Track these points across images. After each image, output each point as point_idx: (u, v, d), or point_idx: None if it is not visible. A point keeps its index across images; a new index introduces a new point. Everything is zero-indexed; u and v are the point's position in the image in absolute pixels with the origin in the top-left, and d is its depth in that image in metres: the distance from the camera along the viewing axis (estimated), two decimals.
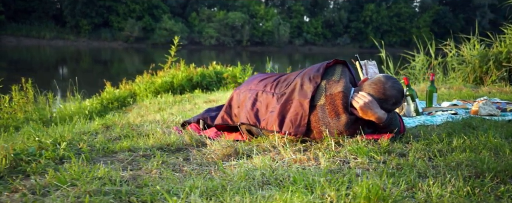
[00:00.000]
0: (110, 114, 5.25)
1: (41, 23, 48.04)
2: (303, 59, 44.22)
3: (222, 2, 54.56)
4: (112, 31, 49.05)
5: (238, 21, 50.39)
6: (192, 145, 2.44)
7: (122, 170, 1.83)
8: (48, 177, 1.64)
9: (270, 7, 54.62)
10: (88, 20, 47.83)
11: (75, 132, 2.83)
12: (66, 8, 48.47)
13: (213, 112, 2.93)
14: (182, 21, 50.80)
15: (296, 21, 54.02)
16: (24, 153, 1.97)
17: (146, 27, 49.26)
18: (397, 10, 55.83)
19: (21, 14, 48.34)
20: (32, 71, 23.14)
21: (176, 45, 6.48)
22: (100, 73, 24.05)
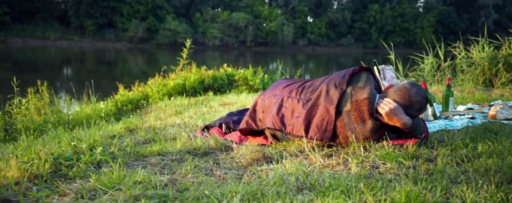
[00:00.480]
0: (125, 116, 5.32)
1: (46, 24, 48.28)
2: (307, 60, 44.28)
3: (226, 2, 54.67)
4: (116, 31, 49.25)
5: (242, 22, 50.48)
6: (219, 149, 2.51)
7: (159, 174, 1.90)
8: (92, 181, 1.71)
9: (274, 7, 54.68)
10: (93, 20, 48.03)
11: (102, 136, 2.90)
12: (70, 9, 48.68)
13: (234, 116, 3.00)
14: (186, 21, 50.94)
15: (299, 21, 54.07)
16: (62, 157, 2.04)
17: (150, 27, 49.43)
18: (401, 10, 55.81)
19: (26, 15, 48.59)
20: (37, 71, 23.26)
21: (188, 47, 6.54)
22: (104, 73, 24.16)
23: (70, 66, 29.07)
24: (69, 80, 20.72)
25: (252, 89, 6.30)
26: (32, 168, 1.89)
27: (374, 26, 55.15)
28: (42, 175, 1.87)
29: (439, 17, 56.16)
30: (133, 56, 39.29)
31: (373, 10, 54.80)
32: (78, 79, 21.45)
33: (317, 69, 34.61)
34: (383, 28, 55.75)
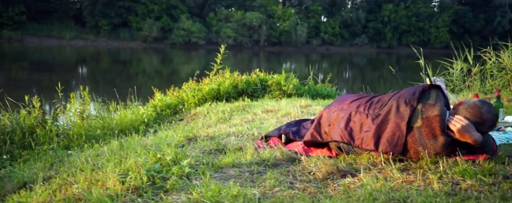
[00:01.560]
0: (165, 121, 5.47)
1: (62, 24, 48.94)
2: (321, 59, 44.27)
3: (240, 2, 54.81)
4: (131, 31, 49.75)
5: (255, 21, 50.63)
6: (286, 161, 2.62)
7: (249, 188, 2.02)
8: (195, 195, 1.84)
9: (287, 7, 54.74)
10: (108, 20, 48.59)
11: (168, 144, 3.04)
12: (86, 9, 49.29)
13: (293, 127, 3.12)
14: (200, 21, 51.24)
15: (313, 21, 54.07)
16: (152, 170, 2.18)
17: (164, 27, 49.82)
18: (415, 10, 55.53)
19: (42, 14, 49.27)
20: (53, 71, 23.63)
21: (222, 53, 6.67)
22: (119, 73, 24.47)
23: (86, 65, 29.44)
24: (84, 80, 21.02)
25: (285, 94, 6.41)
26: (132, 180, 2.04)
27: (388, 25, 54.94)
28: (142, 187, 2.01)
29: (454, 17, 55.73)
30: (148, 56, 39.62)
31: (388, 9, 54.61)
32: (94, 78, 21.77)
33: (330, 69, 34.62)
34: (397, 27, 55.51)
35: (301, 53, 49.48)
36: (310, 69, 7.06)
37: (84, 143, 4.34)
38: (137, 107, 5.88)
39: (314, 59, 44.66)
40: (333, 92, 6.66)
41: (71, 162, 2.99)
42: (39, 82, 18.72)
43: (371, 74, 30.41)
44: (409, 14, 55.45)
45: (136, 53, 42.25)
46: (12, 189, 2.62)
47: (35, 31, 46.89)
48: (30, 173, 2.77)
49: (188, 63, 34.32)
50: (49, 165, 3.12)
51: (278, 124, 3.86)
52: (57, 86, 5.30)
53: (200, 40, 49.17)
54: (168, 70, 27.71)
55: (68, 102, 5.39)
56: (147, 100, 6.50)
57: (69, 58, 35.49)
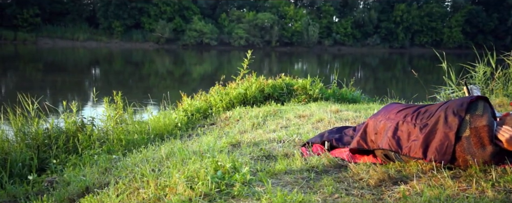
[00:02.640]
0: (197, 125, 5.61)
1: (75, 25, 49.55)
2: (332, 60, 44.29)
3: (252, 3, 55.01)
4: (143, 32, 50.21)
5: (267, 22, 50.82)
6: (334, 167, 2.75)
7: (308, 194, 2.15)
8: (264, 201, 1.98)
9: (299, 7, 54.82)
10: (121, 21, 49.06)
11: (213, 149, 3.17)
12: (99, 10, 49.83)
13: (336, 134, 3.25)
14: (212, 22, 51.55)
15: (325, 21, 54.09)
16: (215, 176, 2.32)
17: (176, 28, 50.21)
18: (428, 10, 55.30)
19: (56, 16, 49.95)
20: (66, 72, 24.00)
21: (249, 58, 6.81)
22: (132, 74, 24.76)
23: (99, 66, 29.80)
24: (98, 81, 21.33)
25: (311, 98, 6.53)
26: (201, 186, 2.18)
27: (400, 25, 54.78)
28: (210, 194, 2.16)
29: (468, 17, 55.41)
30: (160, 57, 39.94)
31: (400, 9, 54.45)
32: (107, 79, 22.07)
33: (342, 69, 34.63)
34: (410, 27, 55.33)
35: (313, 53, 49.54)
36: (336, 73, 7.16)
37: (123, 147, 4.52)
38: (169, 111, 6.04)
39: (326, 59, 44.71)
40: (358, 96, 6.77)
41: (125, 166, 3.15)
42: (54, 83, 19.08)
43: (383, 74, 30.39)
44: (421, 14, 55.23)
45: (149, 54, 42.61)
46: (76, 194, 2.78)
47: (49, 33, 47.56)
48: (92, 178, 2.92)
49: (200, 64, 34.56)
50: (103, 169, 3.28)
51: (315, 130, 3.99)
52: (92, 92, 5.46)
53: (212, 41, 49.48)
54: (180, 71, 27.96)
55: (90, 105, 5.54)
56: (160, 101, 6.60)
57: (82, 59, 35.93)
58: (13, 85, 17.34)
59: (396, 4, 55.46)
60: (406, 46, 55.95)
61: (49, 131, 4.58)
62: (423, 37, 55.83)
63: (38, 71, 24.16)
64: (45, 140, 4.47)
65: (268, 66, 33.53)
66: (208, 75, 25.61)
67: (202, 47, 49.69)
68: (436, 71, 33.45)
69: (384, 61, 45.20)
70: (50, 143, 4.42)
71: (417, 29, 55.52)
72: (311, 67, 36.63)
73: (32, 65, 27.76)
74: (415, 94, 8.18)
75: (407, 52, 54.66)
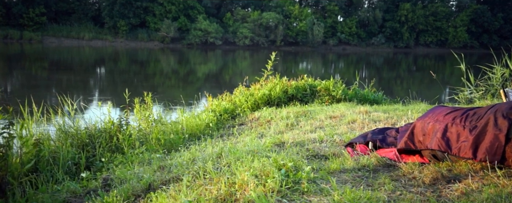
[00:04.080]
0: (226, 126, 5.78)
1: (81, 24, 49.80)
2: (337, 59, 44.41)
3: (256, 2, 55.14)
4: (148, 31, 50.42)
5: (272, 21, 50.99)
6: (383, 166, 2.92)
7: (372, 191, 2.31)
8: (336, 196, 2.15)
9: (304, 7, 54.96)
10: (126, 21, 49.28)
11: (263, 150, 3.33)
12: (104, 9, 50.02)
13: (379, 135, 3.41)
14: (217, 21, 51.74)
15: (330, 21, 54.23)
16: (280, 174, 2.49)
17: (181, 27, 50.41)
18: (433, 9, 55.38)
19: (62, 15, 50.22)
20: (72, 70, 24.20)
21: (273, 60, 6.97)
22: (137, 73, 24.93)
23: (105, 65, 29.98)
24: (102, 80, 21.53)
25: (334, 99, 6.70)
26: (272, 183, 2.35)
27: (405, 25, 54.90)
28: (281, 190, 2.33)
29: (473, 16, 55.52)
30: (165, 56, 40.13)
31: (405, 9, 54.56)
32: (112, 78, 22.27)
33: (347, 68, 34.78)
34: (414, 27, 55.44)
35: (318, 53, 49.68)
36: (356, 75, 7.31)
37: (162, 147, 4.69)
38: (199, 112, 6.20)
39: (331, 59, 44.83)
40: (380, 97, 6.92)
41: (180, 165, 3.31)
42: (59, 82, 19.27)
43: (388, 74, 30.51)
44: (426, 14, 55.33)
45: (154, 53, 42.78)
46: (140, 190, 2.95)
47: (54, 32, 47.82)
48: (151, 176, 3.09)
49: (205, 63, 34.73)
50: (157, 167, 3.45)
51: (351, 131, 4.15)
52: (124, 93, 5.63)
53: (217, 40, 49.68)
54: (185, 70, 28.12)
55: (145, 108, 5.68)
56: (164, 100, 6.73)
57: (88, 58, 36.11)
58: (20, 83, 17.54)
59: (401, 3, 55.57)
60: (411, 46, 56.06)
61: (89, 131, 4.74)
62: (428, 37, 55.93)
63: (43, 70, 24.32)
64: (87, 139, 4.64)
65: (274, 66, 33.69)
66: (212, 74, 25.78)
67: (207, 46, 49.89)
68: (441, 71, 33.61)
69: (389, 60, 45.31)
70: (92, 142, 4.59)
71: (422, 28, 55.63)
72: (316, 66, 36.77)
73: (38, 64, 27.94)
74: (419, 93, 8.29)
75: (412, 51, 54.77)
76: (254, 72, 29.48)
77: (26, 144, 3.11)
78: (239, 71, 28.22)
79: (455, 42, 55.55)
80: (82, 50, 43.46)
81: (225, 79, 23.46)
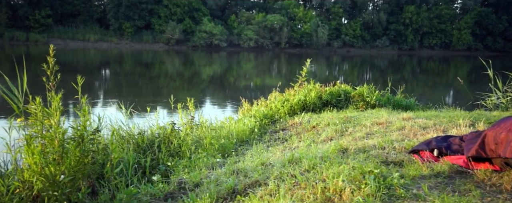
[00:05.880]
0: (268, 131, 5.96)
1: (86, 26, 50.02)
2: (341, 61, 44.62)
3: (261, 4, 55.38)
4: (153, 33, 50.66)
5: (276, 24, 51.23)
6: (455, 173, 3.10)
7: (457, 197, 2.50)
8: None
9: (308, 9, 55.22)
10: (131, 22, 49.50)
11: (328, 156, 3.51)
12: (110, 11, 50.22)
13: (444, 143, 3.60)
14: (222, 23, 51.98)
15: (334, 23, 54.48)
16: (374, 180, 2.67)
17: (186, 29, 50.64)
18: (437, 12, 55.67)
19: (67, 17, 50.47)
20: (77, 72, 24.37)
21: (307, 67, 7.15)
22: (142, 74, 25.10)
23: (110, 67, 30.14)
24: (108, 81, 21.68)
25: (369, 105, 6.88)
26: (366, 188, 2.54)
27: (410, 27, 55.16)
28: (377, 195, 2.51)
29: (477, 19, 55.80)
30: (170, 58, 40.29)
31: (409, 11, 54.83)
32: (117, 80, 22.43)
33: (351, 71, 35.00)
34: (419, 29, 55.71)
35: (322, 55, 49.90)
36: (389, 80, 7.50)
37: (217, 151, 4.87)
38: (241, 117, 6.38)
39: (335, 61, 45.03)
40: (412, 103, 7.10)
41: (254, 169, 3.48)
42: (64, 83, 19.31)
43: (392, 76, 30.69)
44: (431, 16, 55.61)
45: (159, 55, 42.96)
46: (225, 193, 3.13)
47: (60, 34, 48.03)
48: (231, 180, 3.27)
49: (210, 65, 34.91)
50: (231, 171, 3.63)
51: (404, 138, 4.32)
52: (175, 98, 5.82)
53: (222, 42, 49.90)
54: (189, 72, 28.29)
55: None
56: (168, 102, 6.80)
57: (93, 60, 36.29)
58: (29, 84, 17.65)
59: (405, 6, 55.84)
60: (415, 48, 56.31)
61: (143, 136, 4.92)
62: (432, 39, 56.20)
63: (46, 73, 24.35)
64: (144, 144, 4.82)
65: (278, 68, 33.93)
66: (217, 76, 25.95)
67: (212, 48, 50.11)
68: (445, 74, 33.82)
69: (393, 63, 45.53)
70: (150, 146, 4.78)
71: (426, 31, 55.90)
72: (321, 68, 36.94)
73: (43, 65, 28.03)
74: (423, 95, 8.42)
75: (416, 53, 55.00)
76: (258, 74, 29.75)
77: (115, 150, 3.29)
78: (243, 73, 28.40)
79: (459, 44, 55.82)
80: (87, 52, 43.62)
81: (230, 81, 23.63)
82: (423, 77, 30.21)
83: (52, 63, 3.23)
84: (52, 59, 3.23)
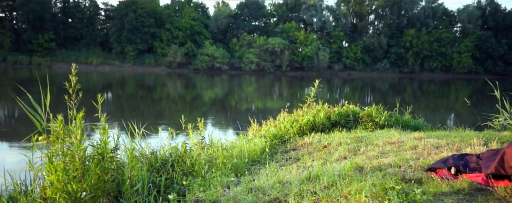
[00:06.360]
0: (279, 151, 5.97)
1: (89, 50, 50.46)
2: (343, 84, 44.82)
3: (262, 28, 55.98)
4: (155, 56, 51.03)
5: (278, 47, 51.66)
6: (475, 190, 3.12)
7: None
8: None
9: (309, 32, 55.76)
10: (133, 46, 49.91)
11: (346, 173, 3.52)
12: (112, 35, 50.72)
13: (461, 161, 3.62)
14: (223, 46, 52.41)
15: (335, 46, 54.95)
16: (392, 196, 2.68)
17: (188, 52, 51.03)
18: (437, 35, 56.23)
19: (71, 41, 50.97)
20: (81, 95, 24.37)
21: (316, 86, 7.21)
22: (144, 97, 25.19)
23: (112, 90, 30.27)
24: (109, 104, 21.70)
25: (377, 125, 6.91)
26: None
27: (410, 50, 55.61)
28: None
29: (477, 42, 56.31)
30: (172, 81, 40.50)
31: (409, 35, 55.37)
32: (119, 102, 22.49)
33: (352, 93, 35.11)
34: (419, 53, 56.15)
35: (323, 78, 50.10)
36: (397, 101, 7.55)
37: (230, 170, 4.88)
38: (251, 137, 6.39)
39: (336, 83, 45.24)
40: (421, 123, 7.13)
41: (272, 187, 3.49)
42: (65, 105, 19.26)
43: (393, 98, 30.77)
44: (431, 39, 56.13)
45: (161, 78, 43.20)
46: None
47: (63, 57, 48.40)
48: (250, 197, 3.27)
49: (211, 88, 35.06)
50: (248, 189, 3.63)
51: (418, 156, 4.34)
52: (180, 119, 5.85)
53: (223, 65, 50.22)
54: (191, 95, 28.39)
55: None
56: (170, 124, 6.79)
57: (95, 83, 36.47)
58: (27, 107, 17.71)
59: (405, 29, 56.44)
60: (415, 71, 56.63)
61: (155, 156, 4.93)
62: (432, 62, 56.58)
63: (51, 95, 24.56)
64: (157, 163, 4.83)
65: (279, 91, 34.09)
66: (218, 99, 26.04)
67: (213, 71, 50.40)
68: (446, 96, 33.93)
69: (394, 85, 45.74)
70: (162, 166, 4.78)
71: (427, 54, 56.32)
72: (322, 91, 37.07)
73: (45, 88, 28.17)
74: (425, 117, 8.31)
75: (416, 76, 55.28)
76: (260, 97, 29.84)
77: (134, 167, 3.31)
78: (245, 96, 28.50)
79: (459, 67, 56.16)
80: (90, 75, 43.88)
81: (231, 104, 23.70)
82: (424, 100, 30.29)
83: (74, 82, 3.28)
84: (74, 77, 3.29)
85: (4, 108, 17.46)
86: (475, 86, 41.92)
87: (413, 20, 57.22)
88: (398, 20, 57.05)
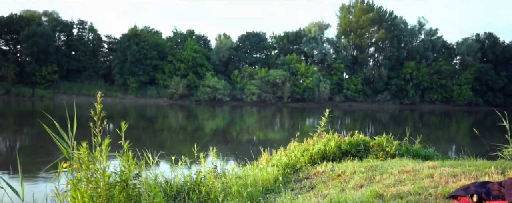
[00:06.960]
0: (292, 180, 5.95)
1: (91, 82, 50.71)
2: (344, 115, 44.84)
3: (264, 60, 56.52)
4: (157, 88, 51.26)
5: (279, 78, 52.03)
6: None
7: None
8: None
9: (310, 64, 56.28)
10: (136, 78, 50.15)
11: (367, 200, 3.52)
12: (115, 67, 51.02)
13: (482, 189, 3.62)
14: (225, 78, 52.75)
15: (336, 78, 55.35)
16: None
17: (190, 84, 51.30)
18: (437, 68, 56.74)
19: (73, 73, 51.32)
20: (81, 126, 24.42)
21: (327, 116, 7.25)
22: (145, 128, 25.15)
23: (113, 121, 30.24)
24: (111, 134, 21.64)
25: (388, 154, 6.90)
26: None
27: (410, 82, 55.98)
28: None
29: (477, 74, 56.76)
30: (173, 112, 40.52)
31: (410, 67, 55.88)
32: (121, 133, 22.44)
33: (353, 124, 35.08)
34: (419, 84, 56.52)
35: (324, 109, 49.87)
36: (407, 131, 7.57)
37: (245, 199, 4.86)
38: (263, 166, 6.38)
39: (337, 115, 45.26)
40: (432, 153, 7.13)
41: None
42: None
43: (394, 130, 30.74)
44: (431, 72, 56.61)
45: (162, 109, 43.23)
46: None
47: (66, 89, 48.62)
48: None
49: (213, 119, 35.05)
50: None
51: (437, 184, 4.34)
52: (193, 148, 5.86)
53: (225, 96, 50.44)
54: (193, 126, 28.36)
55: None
56: (173, 155, 6.71)
57: None
58: (30, 139, 17.73)
59: (406, 61, 57.00)
60: (416, 103, 56.83)
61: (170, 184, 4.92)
62: (433, 94, 56.86)
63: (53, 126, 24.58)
64: (173, 191, 4.81)
65: (281, 122, 34.10)
66: (220, 130, 26.00)
67: (215, 102, 50.57)
68: (446, 128, 33.89)
69: (395, 117, 45.76)
70: (177, 194, 4.76)
71: (427, 86, 56.67)
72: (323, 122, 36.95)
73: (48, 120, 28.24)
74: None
75: (417, 108, 55.41)
76: (261, 128, 29.85)
77: (157, 194, 3.31)
78: (246, 127, 28.49)
79: (460, 99, 56.39)
80: (92, 106, 43.71)
81: (233, 135, 23.66)
82: (426, 131, 30.23)
83: (99, 109, 3.33)
84: (99, 105, 3.34)
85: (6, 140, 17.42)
86: (476, 118, 41.94)
87: (413, 53, 57.91)
88: (398, 52, 57.72)
